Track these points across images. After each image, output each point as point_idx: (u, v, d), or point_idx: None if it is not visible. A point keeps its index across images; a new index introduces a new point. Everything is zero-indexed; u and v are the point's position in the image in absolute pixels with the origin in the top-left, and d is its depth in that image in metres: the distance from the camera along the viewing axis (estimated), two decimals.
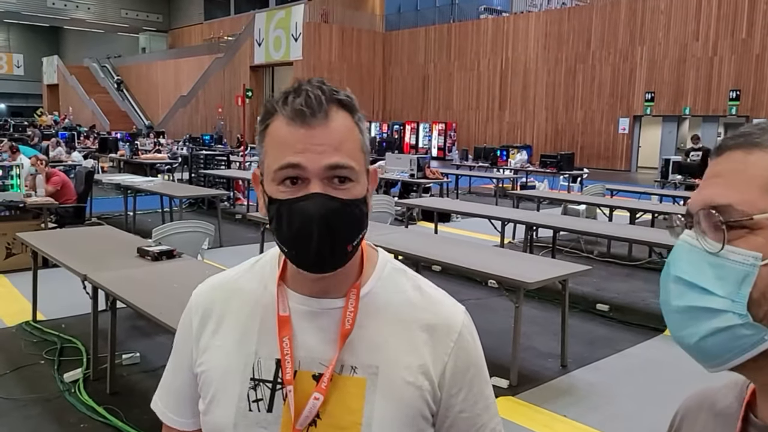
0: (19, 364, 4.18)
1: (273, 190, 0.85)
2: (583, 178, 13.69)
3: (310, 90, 0.84)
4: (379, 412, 0.87)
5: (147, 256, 4.12)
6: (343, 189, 0.84)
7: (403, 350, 0.90)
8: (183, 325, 0.99)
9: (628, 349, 4.71)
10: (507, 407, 3.72)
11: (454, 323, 0.94)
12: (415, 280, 0.98)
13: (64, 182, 7.44)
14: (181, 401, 0.99)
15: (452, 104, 27.19)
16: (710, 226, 0.63)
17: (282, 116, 0.84)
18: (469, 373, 0.94)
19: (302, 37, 26.55)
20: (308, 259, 0.84)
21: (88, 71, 40.55)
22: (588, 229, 6.36)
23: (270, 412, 0.88)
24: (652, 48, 20.92)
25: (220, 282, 1.00)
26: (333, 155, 0.83)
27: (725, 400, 0.75)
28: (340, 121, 0.85)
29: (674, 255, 0.67)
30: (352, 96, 0.88)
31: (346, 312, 0.89)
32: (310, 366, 0.88)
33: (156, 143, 17.40)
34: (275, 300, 0.92)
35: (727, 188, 0.63)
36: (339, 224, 0.83)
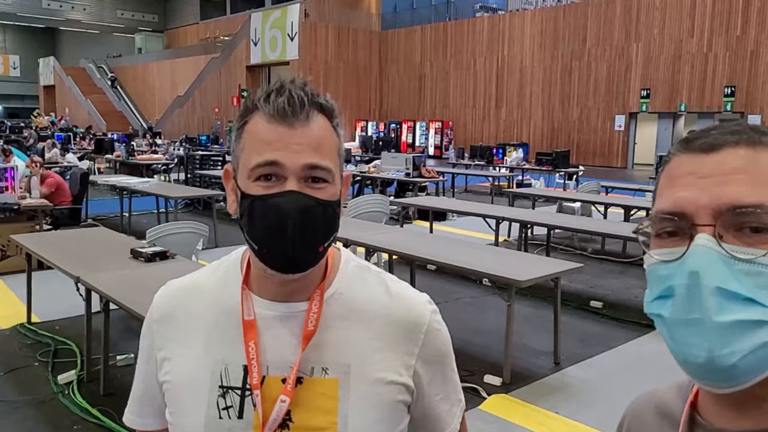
0: (13, 366, 4.19)
1: (247, 186, 0.85)
2: (578, 175, 13.71)
3: (293, 90, 0.84)
4: (354, 411, 0.88)
5: (140, 258, 4.12)
6: (318, 189, 0.84)
7: (373, 347, 0.91)
8: (145, 333, 0.98)
9: (620, 345, 4.73)
10: (500, 405, 3.74)
11: (421, 316, 0.95)
12: (380, 275, 0.98)
13: (58, 184, 7.44)
14: (150, 407, 0.99)
15: (449, 103, 27.21)
16: (737, 230, 0.58)
17: (263, 113, 0.85)
18: (440, 361, 0.97)
19: (298, 37, 26.55)
20: (279, 257, 0.84)
21: (84, 72, 40.50)
22: (582, 227, 6.39)
23: (241, 418, 0.87)
24: (648, 45, 20.96)
25: (182, 286, 0.98)
26: (312, 155, 0.83)
27: (671, 402, 0.74)
28: (320, 123, 0.86)
29: (699, 263, 0.58)
30: (332, 101, 0.89)
31: (309, 313, 0.89)
32: (279, 370, 0.88)
33: (152, 144, 17.37)
34: (239, 305, 0.91)
35: (750, 186, 0.58)
36: (313, 223, 0.84)
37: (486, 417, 3.61)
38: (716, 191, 0.59)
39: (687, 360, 0.60)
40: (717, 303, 0.57)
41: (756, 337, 0.57)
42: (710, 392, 0.63)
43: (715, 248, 0.58)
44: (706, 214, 0.60)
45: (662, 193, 0.64)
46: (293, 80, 0.87)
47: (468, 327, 5.02)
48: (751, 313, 0.57)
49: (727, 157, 0.60)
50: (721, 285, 0.57)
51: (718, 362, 0.58)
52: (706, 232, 0.59)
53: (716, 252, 0.58)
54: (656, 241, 0.64)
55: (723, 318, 0.57)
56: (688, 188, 0.61)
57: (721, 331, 0.57)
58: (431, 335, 0.95)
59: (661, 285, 0.63)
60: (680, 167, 0.63)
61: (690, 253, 0.59)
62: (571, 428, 3.50)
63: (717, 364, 0.58)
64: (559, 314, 4.44)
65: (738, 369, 0.57)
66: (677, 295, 0.60)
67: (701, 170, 0.61)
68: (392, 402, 0.91)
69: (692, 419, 0.69)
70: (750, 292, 0.57)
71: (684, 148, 0.64)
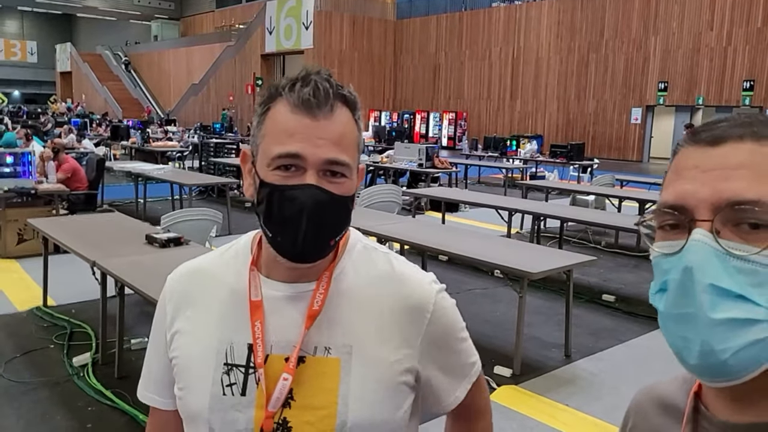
0: (29, 348, 4.26)
1: (266, 174, 0.86)
2: (593, 168, 13.61)
3: (318, 81, 0.85)
4: (355, 391, 0.89)
5: (155, 243, 4.16)
6: (336, 183, 0.86)
7: (377, 328, 0.92)
8: (158, 312, 1.01)
9: (632, 339, 4.71)
10: (510, 396, 3.75)
11: (426, 296, 0.95)
12: (387, 256, 0.99)
13: (74, 169, 7.51)
14: (160, 383, 1.01)
15: (463, 93, 27.08)
16: (731, 222, 0.58)
17: (286, 102, 0.85)
18: (447, 338, 0.98)
19: (313, 26, 26.51)
20: (292, 247, 0.86)
21: (100, 59, 40.75)
22: (595, 220, 6.35)
23: (244, 395, 0.89)
24: (666, 38, 20.70)
25: (194, 268, 1.00)
26: (332, 149, 0.84)
27: (673, 394, 0.74)
28: (343, 117, 0.87)
29: (693, 259, 0.58)
30: (355, 94, 0.90)
31: (315, 293, 0.91)
32: (283, 350, 0.89)
33: (165, 132, 17.46)
34: (247, 286, 0.93)
35: (750, 182, 0.58)
36: (328, 218, 0.85)
37: (496, 408, 3.61)
38: (717, 186, 0.59)
39: (680, 354, 0.61)
40: (709, 300, 0.57)
41: (747, 335, 0.56)
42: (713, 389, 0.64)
43: (710, 244, 0.58)
44: (706, 209, 0.59)
45: (668, 186, 0.64)
46: (319, 71, 0.87)
47: (479, 318, 5.02)
48: (742, 310, 0.57)
49: (731, 151, 0.60)
50: (714, 282, 0.57)
51: (711, 358, 0.58)
52: (704, 228, 0.59)
53: (711, 248, 0.58)
54: (660, 234, 0.64)
55: (715, 315, 0.57)
56: (691, 182, 0.61)
57: (713, 327, 0.57)
58: (437, 315, 0.95)
59: (660, 278, 0.63)
60: (686, 160, 0.63)
61: (686, 248, 0.59)
62: (580, 421, 3.51)
63: (709, 359, 0.58)
64: (571, 307, 4.43)
65: (730, 365, 0.57)
66: (670, 290, 0.61)
67: (705, 164, 0.61)
68: (395, 383, 0.91)
69: (696, 409, 0.69)
70: (742, 289, 0.57)
71: (691, 140, 0.64)
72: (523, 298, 4.00)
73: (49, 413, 3.41)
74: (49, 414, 3.40)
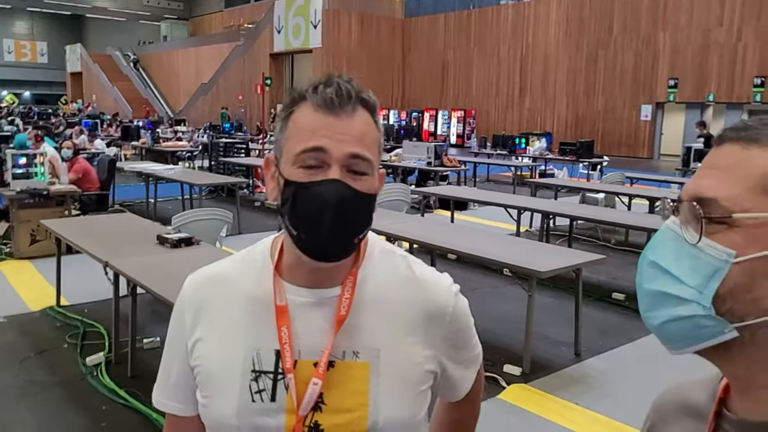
0: (43, 347, 4.31)
1: (291, 173, 0.87)
2: (602, 166, 13.55)
3: (341, 83, 0.88)
4: (384, 393, 0.92)
5: (166, 244, 4.20)
6: (359, 180, 0.87)
7: (401, 331, 0.95)
8: (176, 318, 1.01)
9: (642, 338, 4.69)
10: (519, 394, 3.76)
11: (446, 300, 1.00)
12: (405, 259, 1.02)
13: (85, 170, 7.57)
14: (180, 390, 1.01)
15: (471, 91, 27.02)
16: (693, 217, 0.64)
17: (310, 103, 0.88)
18: (463, 337, 1.04)
19: (321, 24, 26.54)
20: (316, 245, 0.87)
21: (110, 59, 40.97)
22: (605, 218, 6.33)
23: (273, 401, 0.91)
24: (675, 34, 20.56)
25: (212, 274, 1.01)
26: (356, 145, 0.87)
27: (698, 396, 0.75)
28: (364, 117, 0.90)
29: (655, 239, 0.68)
30: (374, 98, 0.92)
31: (341, 299, 0.93)
32: (311, 354, 0.91)
33: (174, 132, 17.56)
34: (271, 291, 0.94)
35: (717, 182, 0.63)
36: (352, 214, 0.87)
37: (505, 406, 3.63)
38: (695, 182, 0.66)
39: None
40: (649, 273, 0.67)
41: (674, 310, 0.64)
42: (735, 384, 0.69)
43: (671, 227, 0.67)
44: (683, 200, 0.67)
45: None
46: (340, 74, 0.90)
47: (488, 317, 5.03)
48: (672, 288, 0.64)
49: (719, 153, 0.65)
50: (655, 259, 0.66)
51: (647, 323, 0.68)
52: (676, 216, 0.67)
53: (670, 231, 0.67)
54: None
55: (648, 286, 0.67)
56: (693, 178, 0.68)
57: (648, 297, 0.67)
58: (455, 316, 1.00)
59: None
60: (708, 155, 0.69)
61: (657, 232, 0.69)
62: (590, 419, 3.51)
63: (647, 324, 0.68)
64: (581, 305, 4.43)
65: (666, 333, 0.66)
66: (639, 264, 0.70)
67: (706, 162, 0.67)
68: (420, 382, 0.95)
69: (719, 414, 0.71)
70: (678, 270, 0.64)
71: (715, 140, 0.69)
72: (532, 297, 4.00)
73: (63, 412, 3.45)
74: (63, 413, 3.44)
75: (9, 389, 3.68)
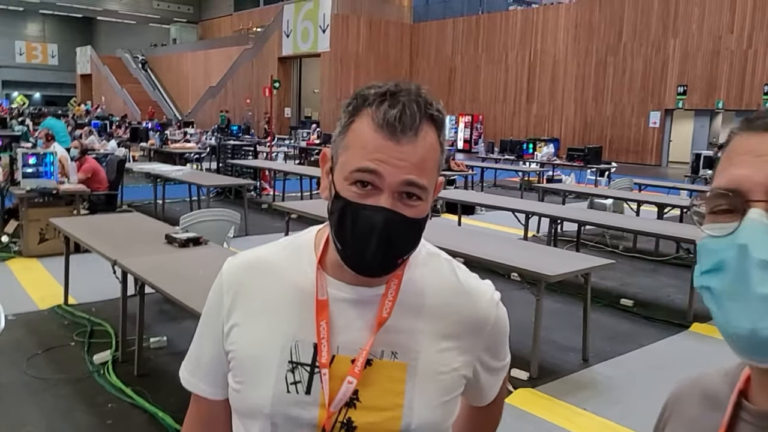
0: (50, 345, 4.32)
1: (343, 187, 0.86)
2: (611, 172, 13.52)
3: (407, 104, 0.84)
4: (420, 395, 0.91)
5: (174, 243, 4.21)
6: (411, 206, 0.86)
7: (441, 335, 0.94)
8: (213, 300, 0.99)
9: (650, 344, 4.67)
10: (526, 399, 3.74)
11: (489, 309, 0.99)
12: (450, 263, 1.01)
13: (94, 170, 7.61)
14: (212, 373, 1.00)
15: (479, 96, 27.02)
16: None
17: (372, 119, 0.84)
18: (499, 346, 1.04)
19: (330, 29, 26.61)
20: (358, 263, 0.87)
21: (120, 62, 41.21)
22: (613, 224, 6.31)
23: (308, 394, 0.90)
24: (685, 40, 20.51)
25: (255, 260, 0.99)
26: (411, 172, 0.84)
27: (717, 387, 0.74)
28: (427, 140, 0.85)
29: (750, 236, 0.60)
30: (444, 111, 0.89)
31: (384, 300, 0.92)
32: (349, 351, 0.91)
33: (184, 133, 17.65)
34: (313, 284, 0.93)
35: None
36: (398, 240, 0.86)
37: (512, 411, 3.61)
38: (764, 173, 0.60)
39: (733, 332, 0.61)
40: (761, 275, 0.59)
41: None
42: (758, 376, 0.65)
43: (765, 222, 0.59)
44: (761, 191, 0.61)
45: (720, 172, 0.66)
46: (409, 89, 0.86)
47: None
48: None
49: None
50: (766, 257, 0.58)
51: (762, 334, 0.59)
52: (760, 207, 0.60)
53: (766, 226, 0.59)
54: (710, 218, 0.66)
55: (765, 290, 0.58)
56: (744, 166, 0.62)
57: (763, 302, 0.58)
58: (496, 327, 1.00)
59: (710, 259, 0.64)
60: (740, 146, 0.64)
61: (742, 227, 0.61)
62: (597, 425, 3.48)
63: (760, 336, 0.59)
64: (589, 311, 4.40)
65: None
66: (726, 268, 0.62)
67: (759, 149, 0.62)
68: (454, 389, 0.95)
69: (738, 404, 0.70)
70: None
71: (746, 127, 0.65)
72: (540, 301, 3.98)
73: (69, 409, 3.45)
74: (70, 410, 3.45)
75: (17, 386, 3.69)
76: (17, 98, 40.72)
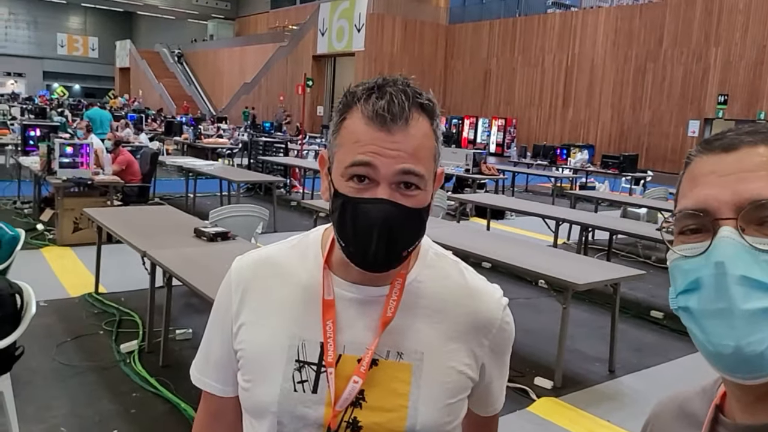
0: (80, 333, 4.41)
1: (341, 184, 0.86)
2: (646, 180, 13.26)
3: (394, 93, 0.84)
4: (425, 397, 0.91)
5: (203, 237, 4.26)
6: (409, 196, 0.85)
7: (447, 337, 0.94)
8: (222, 298, 1.00)
9: (680, 358, 4.56)
10: (549, 408, 3.68)
11: (495, 312, 0.98)
12: (457, 265, 1.00)
13: (129, 162, 7.75)
14: (221, 370, 1.00)
15: (513, 100, 26.78)
16: (755, 221, 0.61)
17: (362, 113, 0.85)
18: (504, 353, 1.02)
19: (365, 28, 26.67)
20: (363, 258, 0.86)
21: (158, 56, 41.95)
22: (646, 233, 6.17)
23: (315, 393, 0.90)
24: (728, 49, 20.01)
25: (262, 258, 1.00)
26: (406, 161, 0.84)
27: (694, 403, 0.75)
28: (419, 128, 0.86)
29: (725, 253, 0.60)
30: (434, 101, 0.89)
31: (389, 300, 0.92)
32: (355, 351, 0.91)
33: (217, 128, 17.88)
34: (320, 283, 0.93)
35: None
36: (400, 232, 0.85)
37: (534, 419, 3.56)
38: (737, 187, 0.62)
39: (716, 351, 0.62)
40: (743, 291, 0.59)
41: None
42: (736, 391, 0.65)
43: (738, 239, 0.61)
44: (728, 209, 0.62)
45: (685, 193, 0.67)
46: (395, 80, 0.86)
47: (521, 328, 4.87)
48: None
49: (746, 156, 0.63)
50: (746, 274, 0.59)
51: (747, 351, 0.59)
52: (729, 225, 0.62)
53: (739, 243, 0.61)
54: (680, 239, 0.67)
55: (748, 306, 0.59)
56: (710, 186, 0.64)
57: (747, 319, 0.59)
58: (501, 329, 0.99)
59: (685, 279, 0.65)
60: (702, 167, 0.66)
61: (714, 245, 0.62)
62: None
63: (745, 352, 0.59)
64: (617, 321, 4.32)
65: (767, 357, 0.59)
66: (704, 286, 0.62)
67: (722, 169, 0.64)
68: (460, 391, 0.95)
69: (716, 419, 0.70)
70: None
71: (704, 149, 0.67)
72: (567, 310, 3.92)
73: (95, 396, 3.52)
74: (96, 397, 3.51)
75: (45, 371, 3.77)
76: (57, 89, 41.80)
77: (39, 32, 48.27)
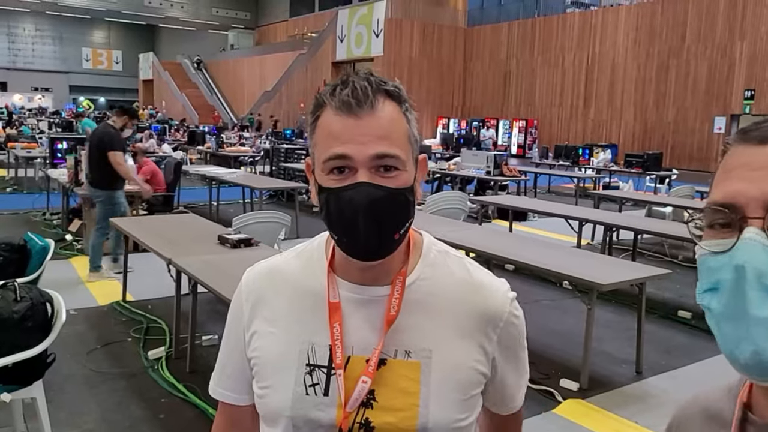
0: (109, 340, 4.49)
1: (323, 180, 0.89)
2: (671, 179, 13.06)
3: (356, 81, 0.87)
4: (435, 394, 0.91)
5: (227, 244, 4.30)
6: (389, 177, 0.87)
7: (454, 333, 0.94)
8: (234, 310, 1.03)
9: (708, 359, 4.47)
10: (576, 410, 3.65)
11: (502, 305, 0.98)
12: (461, 261, 1.01)
13: (153, 172, 7.87)
14: (237, 380, 1.03)
15: (534, 100, 26.61)
16: None
17: (330, 108, 0.87)
18: (515, 347, 1.01)
19: (383, 33, 26.75)
20: (357, 247, 0.88)
21: (180, 67, 42.57)
22: (672, 232, 6.08)
23: (326, 395, 0.92)
24: (754, 43, 19.64)
25: (270, 268, 1.03)
26: (379, 144, 0.85)
27: (719, 404, 0.73)
28: (387, 111, 0.87)
29: (747, 257, 0.58)
30: (401, 86, 0.91)
31: (391, 299, 0.92)
32: (364, 351, 0.92)
33: (240, 136, 18.06)
34: (325, 287, 0.95)
35: None
36: (385, 213, 0.86)
37: (560, 421, 3.53)
38: (766, 185, 0.59)
39: (733, 354, 0.60)
40: (759, 297, 0.57)
41: None
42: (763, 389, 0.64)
43: (762, 241, 0.58)
44: (757, 207, 0.59)
45: (717, 185, 0.64)
46: (357, 72, 0.90)
47: (546, 330, 4.91)
48: None
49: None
50: (765, 280, 0.57)
51: (763, 357, 0.57)
52: (756, 225, 0.59)
53: (763, 245, 0.58)
54: (709, 232, 0.64)
55: (763, 313, 0.57)
56: (740, 180, 0.61)
57: (765, 325, 0.57)
58: (510, 322, 0.98)
59: (710, 277, 0.63)
60: (735, 158, 0.63)
61: (738, 247, 0.59)
62: None
63: (762, 358, 0.58)
64: (643, 322, 4.26)
65: None
66: (723, 289, 0.61)
67: (754, 162, 0.61)
68: (471, 387, 0.94)
69: (744, 418, 0.68)
70: None
71: (740, 139, 0.64)
72: (592, 311, 3.88)
73: (125, 402, 3.58)
74: (125, 403, 3.57)
75: (76, 378, 3.85)
76: (83, 102, 42.59)
77: (64, 47, 49.28)
